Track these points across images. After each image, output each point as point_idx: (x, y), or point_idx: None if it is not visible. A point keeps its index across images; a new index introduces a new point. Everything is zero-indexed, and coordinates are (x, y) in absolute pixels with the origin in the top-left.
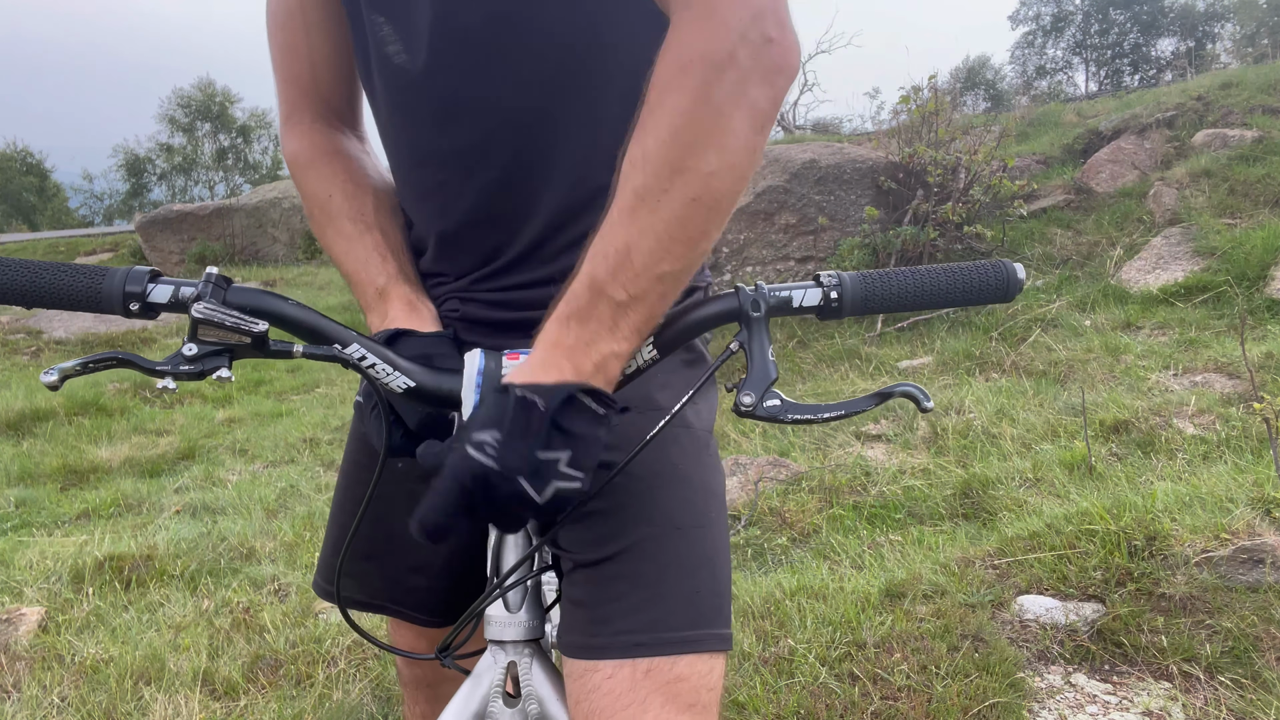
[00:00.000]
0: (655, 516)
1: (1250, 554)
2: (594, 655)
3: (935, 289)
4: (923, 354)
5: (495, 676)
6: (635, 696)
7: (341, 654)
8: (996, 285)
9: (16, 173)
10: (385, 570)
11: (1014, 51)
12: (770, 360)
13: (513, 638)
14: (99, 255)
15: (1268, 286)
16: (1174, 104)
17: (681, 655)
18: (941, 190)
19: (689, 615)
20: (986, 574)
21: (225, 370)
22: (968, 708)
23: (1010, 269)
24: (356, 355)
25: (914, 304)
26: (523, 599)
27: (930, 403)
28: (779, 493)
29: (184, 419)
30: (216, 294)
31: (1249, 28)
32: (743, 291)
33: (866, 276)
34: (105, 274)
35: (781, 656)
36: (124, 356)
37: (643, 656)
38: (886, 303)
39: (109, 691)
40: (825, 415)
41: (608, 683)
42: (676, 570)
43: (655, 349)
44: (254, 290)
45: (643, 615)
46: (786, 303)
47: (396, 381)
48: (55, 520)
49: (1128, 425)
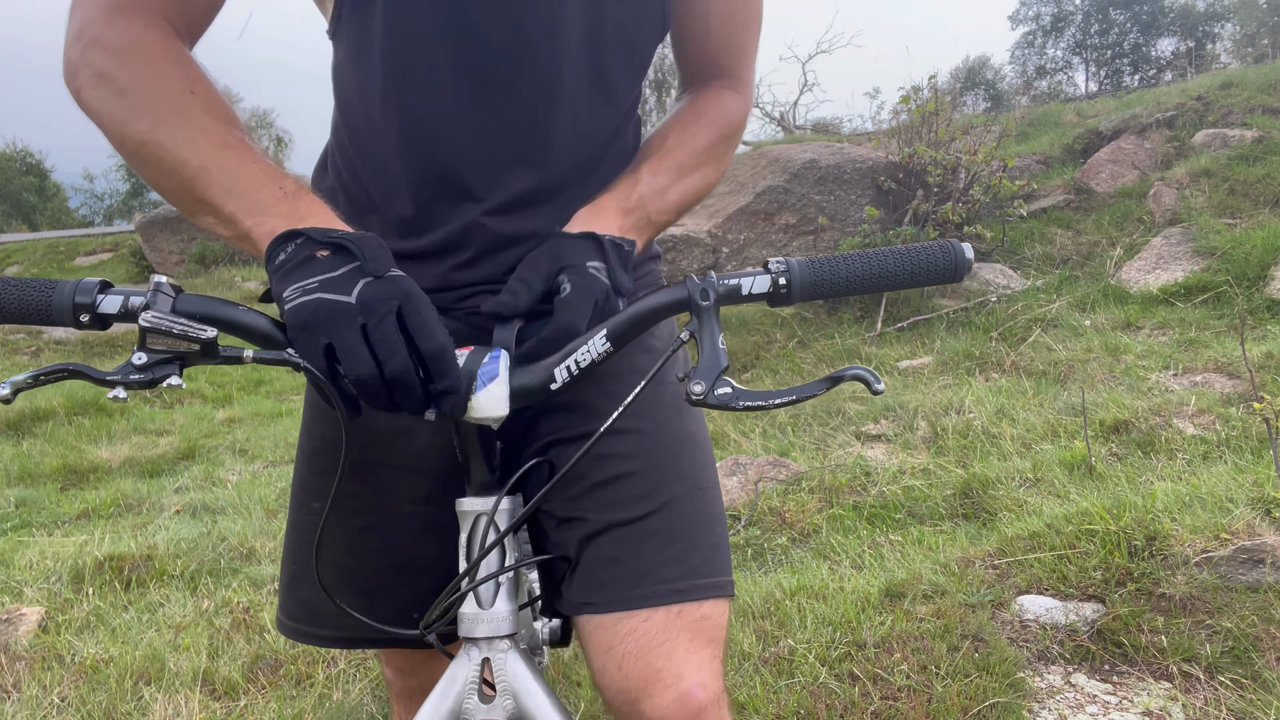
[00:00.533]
0: (684, 477)
1: (1250, 554)
2: (636, 605)
3: (884, 272)
4: (923, 354)
5: (470, 673)
6: (669, 634)
7: (341, 654)
8: (945, 265)
9: (16, 173)
10: (396, 601)
11: (1014, 51)
12: (720, 349)
13: (486, 634)
14: (99, 255)
15: (1268, 286)
16: (1174, 104)
17: (706, 599)
18: (941, 190)
19: (714, 564)
20: (986, 574)
21: (175, 378)
22: (968, 708)
23: (958, 249)
24: None
25: (864, 287)
26: (495, 594)
27: (881, 385)
28: (779, 493)
29: (184, 419)
30: (165, 302)
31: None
32: (691, 281)
33: (815, 262)
34: (55, 286)
35: (781, 656)
36: (75, 368)
37: (682, 601)
38: (835, 287)
39: (109, 691)
40: (777, 401)
41: (644, 625)
42: (703, 525)
43: (609, 341)
44: (204, 298)
45: (681, 565)
46: (735, 291)
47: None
48: (55, 520)
49: (1128, 425)
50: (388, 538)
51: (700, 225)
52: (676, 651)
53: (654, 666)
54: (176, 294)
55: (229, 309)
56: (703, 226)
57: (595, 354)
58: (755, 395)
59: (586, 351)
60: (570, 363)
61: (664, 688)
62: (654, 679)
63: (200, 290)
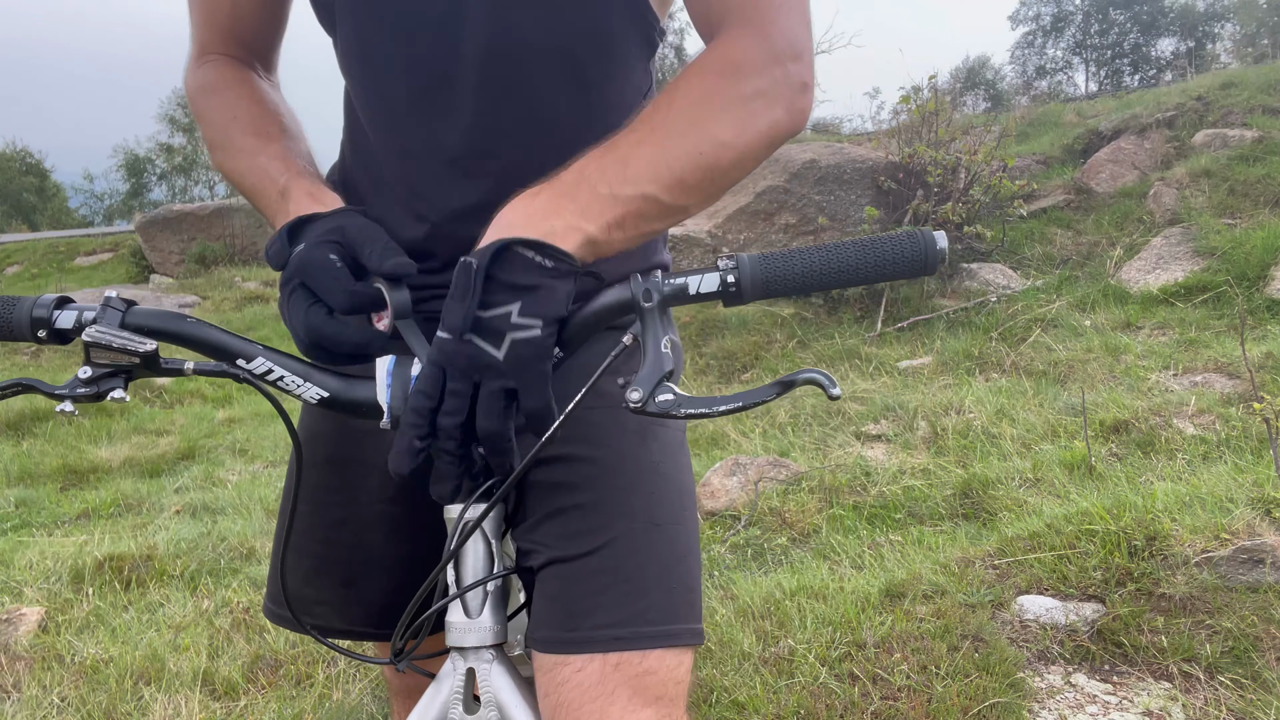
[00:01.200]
0: (636, 512)
1: (1250, 554)
2: (571, 650)
3: (845, 266)
4: (923, 354)
5: (455, 683)
6: (604, 689)
7: (340, 655)
8: (914, 257)
9: (16, 173)
10: (368, 596)
11: (1014, 51)
12: (664, 352)
13: (473, 644)
14: (99, 255)
15: (1268, 286)
16: (1174, 104)
17: (651, 650)
18: (941, 190)
19: (666, 610)
20: (986, 574)
21: (119, 391)
22: (968, 708)
23: (928, 238)
24: (261, 369)
25: (824, 283)
26: (483, 603)
27: (837, 390)
28: (779, 493)
29: (184, 419)
30: (113, 317)
31: (1249, 28)
32: (635, 280)
33: (767, 257)
34: (15, 304)
35: (781, 656)
36: (27, 383)
37: (621, 650)
38: (792, 284)
39: (109, 691)
40: (720, 408)
41: (577, 675)
42: (655, 566)
43: (557, 345)
44: (154, 311)
45: (622, 610)
46: (682, 290)
47: (309, 392)
48: (55, 520)
49: (1128, 425)
50: (359, 534)
51: (700, 225)
52: (611, 710)
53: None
54: (127, 308)
55: (177, 322)
56: (703, 226)
57: None
58: (699, 402)
59: None
60: None
61: None
62: None
63: (200, 290)
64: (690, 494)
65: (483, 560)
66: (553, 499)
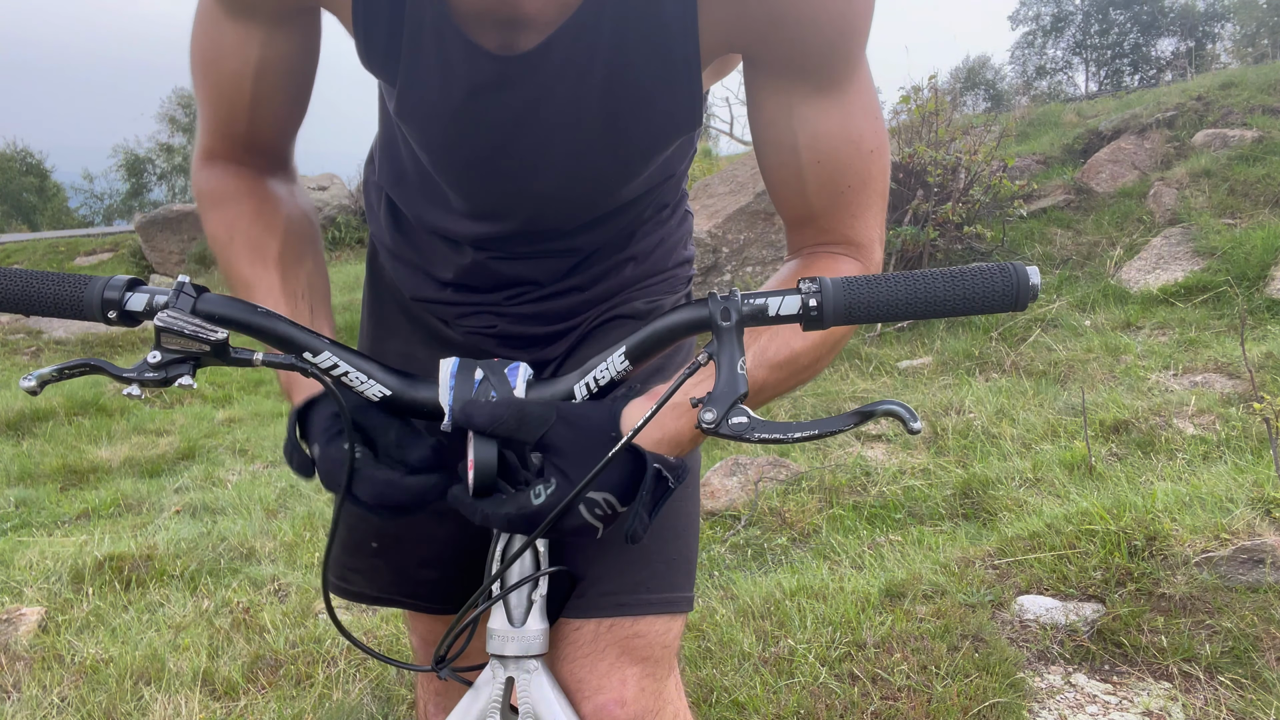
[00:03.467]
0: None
1: (1250, 554)
2: (574, 614)
3: (931, 298)
4: (923, 354)
5: (494, 692)
6: (595, 646)
7: (341, 654)
8: (1005, 293)
9: (16, 173)
10: (394, 564)
11: (1014, 51)
12: (740, 374)
13: (514, 653)
14: (99, 255)
15: (1268, 286)
16: (1174, 104)
17: (643, 615)
18: (941, 190)
19: (666, 579)
20: (986, 574)
21: (187, 378)
22: (968, 708)
23: (1021, 274)
24: (327, 363)
25: (907, 313)
26: (526, 612)
27: (919, 424)
28: (779, 493)
29: (184, 419)
30: (186, 302)
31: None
32: (714, 298)
33: (852, 283)
34: (87, 283)
35: (781, 656)
36: (95, 363)
37: (615, 615)
38: (874, 311)
39: (109, 691)
40: (795, 435)
41: (575, 634)
42: (660, 539)
43: (627, 359)
44: (225, 299)
45: (626, 578)
46: (761, 311)
47: (371, 390)
48: (55, 520)
49: (1128, 425)
50: None
51: (700, 225)
52: (599, 665)
53: (576, 676)
54: (198, 294)
55: (247, 311)
56: (703, 226)
57: (614, 371)
58: (774, 427)
59: (605, 369)
60: (589, 379)
61: (582, 699)
62: (575, 689)
63: None
64: (695, 472)
65: (529, 567)
66: None
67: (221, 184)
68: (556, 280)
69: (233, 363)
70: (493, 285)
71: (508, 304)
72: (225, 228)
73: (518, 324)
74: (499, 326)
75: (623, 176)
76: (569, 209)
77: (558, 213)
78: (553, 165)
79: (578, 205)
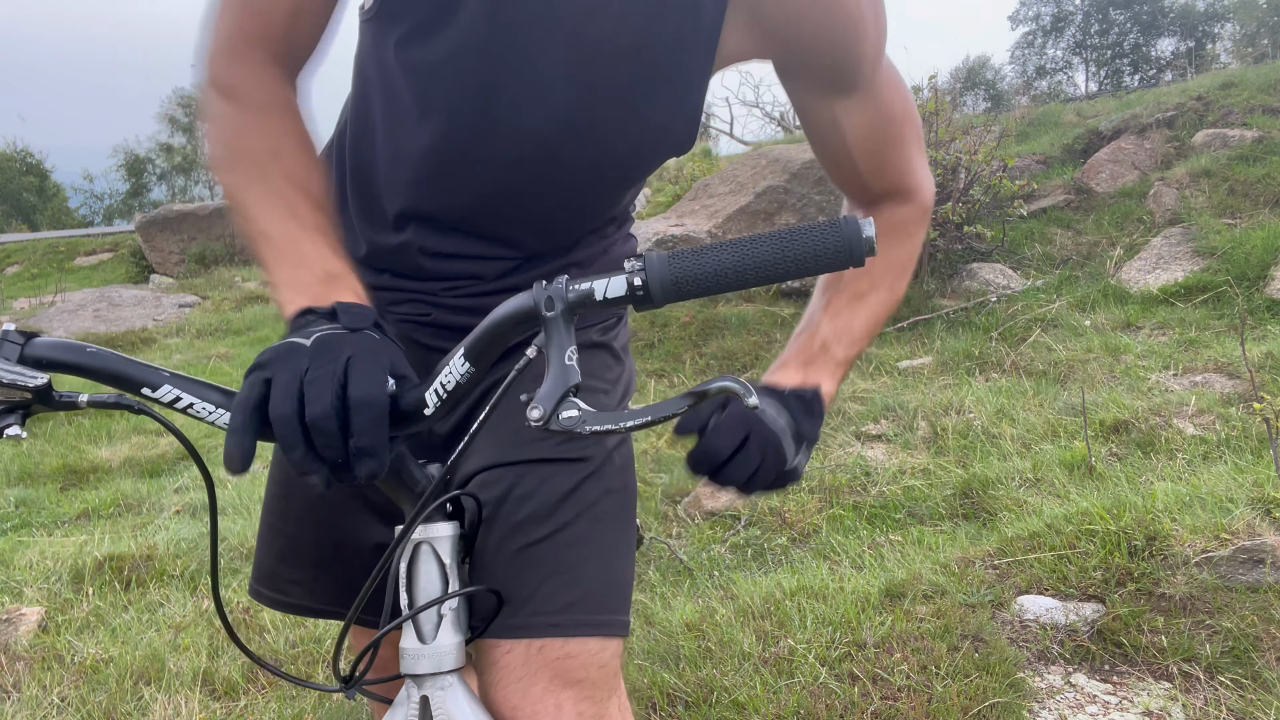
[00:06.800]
0: (584, 507)
1: (1250, 554)
2: (504, 635)
3: (763, 261)
4: (923, 354)
5: (409, 713)
6: (527, 670)
7: None
8: (838, 248)
9: (16, 173)
10: (338, 577)
11: (1014, 51)
12: (569, 365)
13: (426, 670)
14: (99, 255)
15: (1268, 286)
16: (1174, 104)
17: (573, 637)
18: (941, 190)
19: (602, 600)
20: (986, 574)
21: (15, 428)
22: (968, 708)
23: (852, 226)
24: (168, 397)
25: (742, 281)
26: (437, 626)
27: (754, 398)
28: (779, 492)
29: (184, 420)
30: (10, 350)
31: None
32: (537, 287)
33: (677, 256)
34: None
35: (781, 656)
36: None
37: (545, 636)
38: (705, 283)
39: (109, 691)
40: (628, 424)
41: (505, 657)
42: (595, 560)
43: (467, 361)
44: (54, 342)
45: (559, 599)
46: (588, 296)
47: (221, 419)
48: (55, 520)
49: (1128, 425)
50: (331, 517)
51: (700, 225)
52: (532, 690)
53: (510, 703)
54: (26, 340)
55: (75, 353)
56: (703, 226)
57: (458, 375)
58: (606, 418)
59: (450, 373)
60: (437, 386)
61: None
62: (510, 716)
63: (200, 290)
64: (633, 492)
65: (436, 582)
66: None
67: (263, 85)
68: (497, 278)
69: (59, 407)
70: (432, 275)
71: (445, 294)
72: (270, 138)
73: (453, 314)
74: (433, 315)
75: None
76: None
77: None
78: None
79: (545, 184)
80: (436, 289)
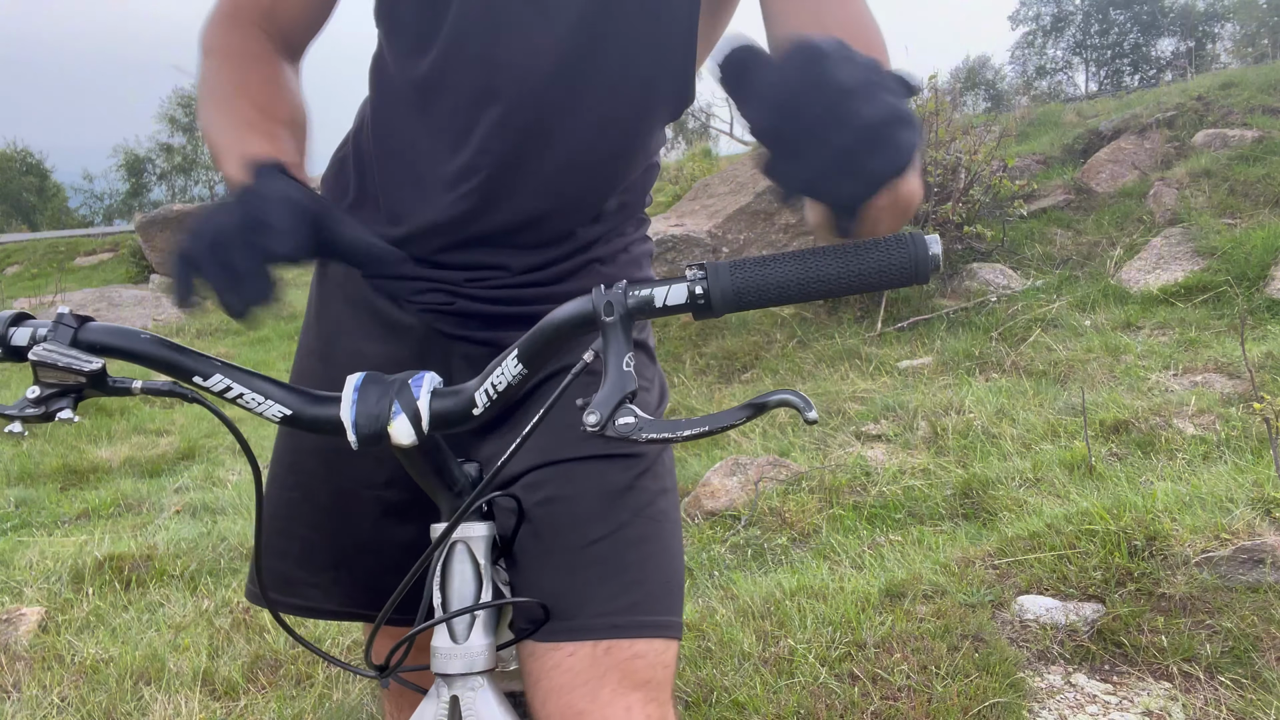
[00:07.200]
0: (641, 505)
1: (1250, 554)
2: (565, 637)
3: (826, 275)
4: (923, 354)
5: (439, 711)
6: (595, 672)
7: (341, 654)
8: (903, 266)
9: (16, 173)
10: (358, 577)
11: (1014, 51)
12: (626, 371)
13: (458, 670)
14: (99, 255)
15: (1268, 286)
16: (1174, 104)
17: (640, 638)
18: (941, 190)
19: (664, 602)
20: (986, 574)
21: (67, 411)
22: (968, 708)
23: (919, 243)
24: (219, 386)
25: (803, 294)
26: (469, 627)
27: (813, 413)
28: (779, 493)
29: (184, 419)
30: (64, 334)
31: (1249, 28)
32: (597, 292)
33: (739, 265)
34: None
35: (781, 656)
36: None
37: (612, 638)
38: (767, 295)
39: (109, 691)
40: (686, 433)
41: (568, 660)
42: (656, 560)
43: (520, 363)
44: (107, 327)
45: (622, 599)
46: (647, 303)
47: (270, 410)
48: (55, 520)
49: (1128, 425)
50: (348, 518)
51: (700, 225)
52: (601, 693)
53: (575, 708)
54: (80, 325)
55: (130, 339)
56: (703, 226)
57: (510, 376)
58: (664, 425)
59: (501, 374)
60: (488, 386)
61: None
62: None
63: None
64: (675, 492)
65: (470, 582)
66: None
67: (243, 41)
68: (522, 272)
69: (112, 392)
70: (455, 265)
71: (468, 285)
72: (238, 73)
73: (475, 304)
74: (457, 304)
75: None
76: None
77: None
78: (553, 28)
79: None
80: (459, 279)
